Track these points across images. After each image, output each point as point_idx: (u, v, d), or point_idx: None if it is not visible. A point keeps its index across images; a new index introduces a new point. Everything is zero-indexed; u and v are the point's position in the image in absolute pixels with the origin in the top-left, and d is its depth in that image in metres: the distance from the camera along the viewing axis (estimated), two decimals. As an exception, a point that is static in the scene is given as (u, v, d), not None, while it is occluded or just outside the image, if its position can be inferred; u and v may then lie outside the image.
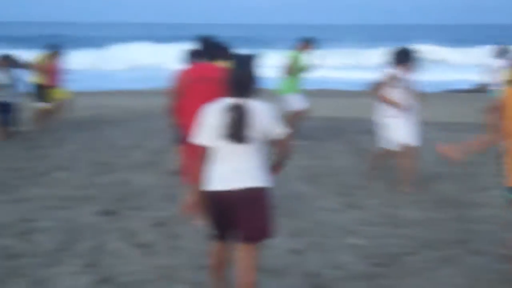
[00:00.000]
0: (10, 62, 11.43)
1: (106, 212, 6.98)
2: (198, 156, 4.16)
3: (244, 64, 4.21)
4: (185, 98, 6.26)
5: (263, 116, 4.07)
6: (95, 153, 10.35)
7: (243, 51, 4.59)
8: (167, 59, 37.85)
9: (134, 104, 17.82)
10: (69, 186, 8.17)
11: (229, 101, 4.08)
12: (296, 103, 11.30)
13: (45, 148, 10.71)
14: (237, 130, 3.99)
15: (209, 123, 4.08)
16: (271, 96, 11.50)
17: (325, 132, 12.50)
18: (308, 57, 11.46)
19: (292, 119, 11.11)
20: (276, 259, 5.56)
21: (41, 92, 12.30)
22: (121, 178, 8.59)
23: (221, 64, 5.96)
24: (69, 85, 13.54)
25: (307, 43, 11.41)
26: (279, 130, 4.14)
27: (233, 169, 4.07)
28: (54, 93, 13.08)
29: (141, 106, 17.31)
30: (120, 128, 13.10)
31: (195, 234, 6.09)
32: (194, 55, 8.00)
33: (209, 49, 6.39)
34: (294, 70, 11.22)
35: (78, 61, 14.28)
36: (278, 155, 4.27)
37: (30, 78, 12.37)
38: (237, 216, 4.11)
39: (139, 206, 7.22)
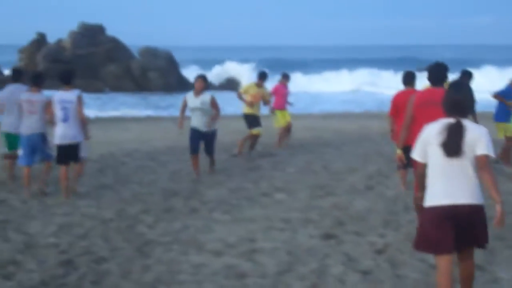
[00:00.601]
0: (207, 83, 10.48)
1: (326, 235, 7.00)
2: (417, 171, 4.66)
3: (460, 86, 4.63)
4: (413, 122, 6.29)
5: (475, 136, 4.35)
6: (312, 175, 10.50)
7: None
8: (382, 83, 38.08)
9: (348, 126, 17.94)
10: (289, 208, 8.32)
11: (446, 120, 4.46)
12: None
13: (265, 170, 11.08)
14: (452, 144, 4.34)
15: (427, 140, 4.52)
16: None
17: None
18: None
19: None
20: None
21: (249, 119, 12.52)
22: (339, 201, 8.59)
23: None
24: (290, 108, 14.02)
25: None
26: (483, 151, 4.33)
27: (454, 185, 4.40)
28: (280, 116, 13.56)
29: (355, 129, 17.38)
30: (336, 151, 13.22)
31: (418, 263, 5.90)
32: (409, 78, 7.94)
33: (435, 72, 6.24)
34: None
35: (294, 84, 15.06)
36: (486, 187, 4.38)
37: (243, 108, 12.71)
38: (458, 230, 4.39)
39: (359, 231, 7.15)
